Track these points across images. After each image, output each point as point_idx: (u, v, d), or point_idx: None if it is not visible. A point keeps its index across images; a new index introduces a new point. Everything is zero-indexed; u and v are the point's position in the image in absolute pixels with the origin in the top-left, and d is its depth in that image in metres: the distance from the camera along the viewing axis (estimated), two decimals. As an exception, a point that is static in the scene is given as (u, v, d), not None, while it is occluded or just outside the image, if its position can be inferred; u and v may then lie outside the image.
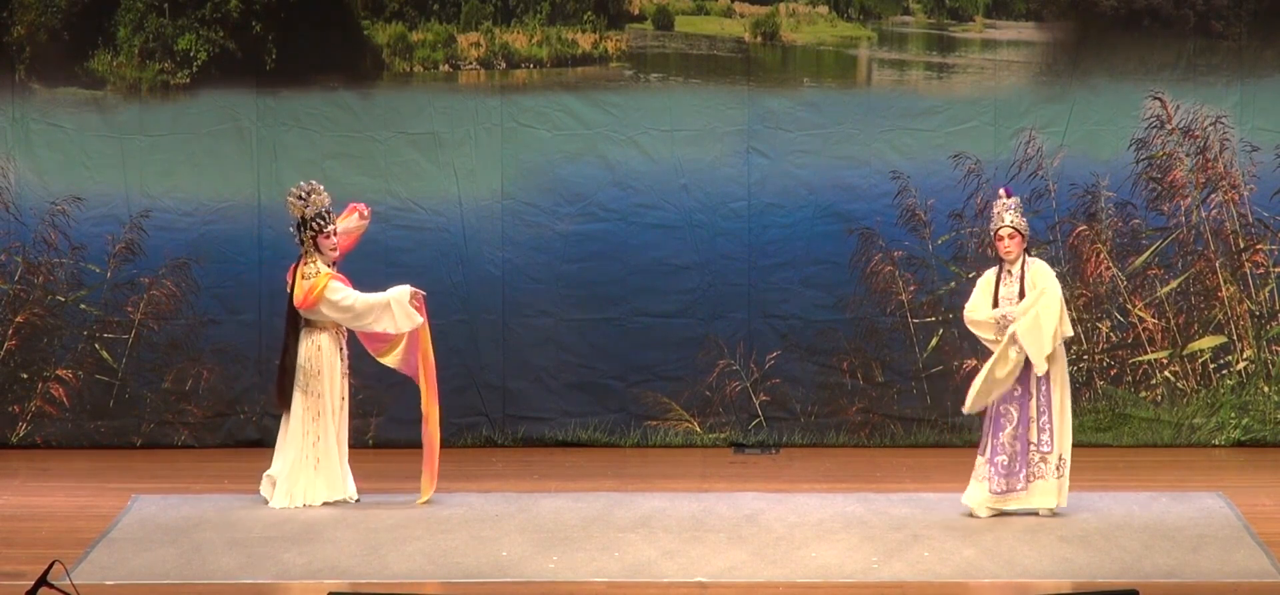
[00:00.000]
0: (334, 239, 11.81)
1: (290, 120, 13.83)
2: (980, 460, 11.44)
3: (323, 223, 11.78)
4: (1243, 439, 13.72)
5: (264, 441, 13.80)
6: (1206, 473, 12.86)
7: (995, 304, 11.37)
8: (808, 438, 13.85)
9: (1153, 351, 13.75)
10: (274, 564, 10.55)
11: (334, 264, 11.85)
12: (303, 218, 11.78)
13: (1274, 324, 13.72)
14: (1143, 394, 13.76)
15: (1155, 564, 10.42)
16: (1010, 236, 11.35)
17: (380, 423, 13.84)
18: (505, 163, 13.86)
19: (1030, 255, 11.46)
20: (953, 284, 13.79)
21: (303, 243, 11.82)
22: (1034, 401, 11.29)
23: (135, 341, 13.90)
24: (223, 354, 13.90)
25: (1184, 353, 13.75)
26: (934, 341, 13.80)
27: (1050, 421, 11.31)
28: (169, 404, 13.92)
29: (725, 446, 13.84)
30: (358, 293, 11.75)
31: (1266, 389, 13.72)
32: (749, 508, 11.76)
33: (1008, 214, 11.38)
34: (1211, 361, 13.75)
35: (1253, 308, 13.70)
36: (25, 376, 13.92)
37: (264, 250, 13.83)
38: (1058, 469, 11.36)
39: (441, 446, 12.00)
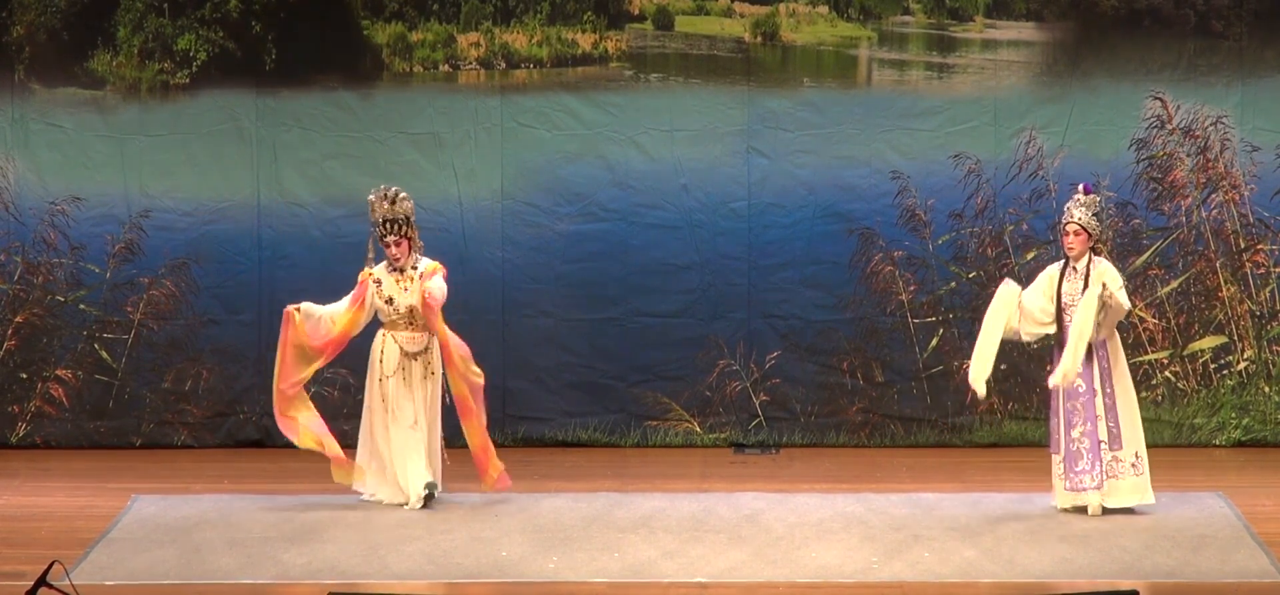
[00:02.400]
0: (392, 249, 11.77)
1: (290, 120, 13.83)
2: (1055, 458, 11.46)
3: (381, 231, 11.79)
4: (1243, 439, 13.72)
5: (264, 442, 13.81)
6: (1207, 473, 12.86)
7: (1058, 298, 11.34)
8: (808, 438, 13.85)
9: (1153, 351, 13.75)
10: (274, 564, 10.54)
11: (398, 270, 11.84)
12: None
13: (1275, 324, 13.72)
14: (1143, 394, 13.73)
15: (1155, 564, 10.41)
16: (1075, 234, 11.32)
17: (380, 423, 13.83)
18: (505, 163, 13.85)
19: (1097, 254, 11.41)
20: (953, 284, 13.79)
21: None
22: (1099, 399, 11.28)
23: (135, 341, 13.89)
24: (222, 354, 13.89)
25: (1185, 353, 13.75)
26: (934, 341, 13.80)
27: (1117, 422, 11.29)
28: (169, 404, 13.92)
29: (725, 446, 13.84)
30: (341, 302, 11.98)
31: (1267, 389, 13.72)
32: (749, 508, 11.75)
33: (1077, 210, 11.32)
34: (1212, 361, 13.74)
35: (1253, 308, 13.70)
36: (25, 376, 13.92)
37: (264, 250, 13.83)
38: (1134, 467, 11.37)
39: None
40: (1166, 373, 13.75)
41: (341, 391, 13.78)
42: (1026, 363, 13.53)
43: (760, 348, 13.84)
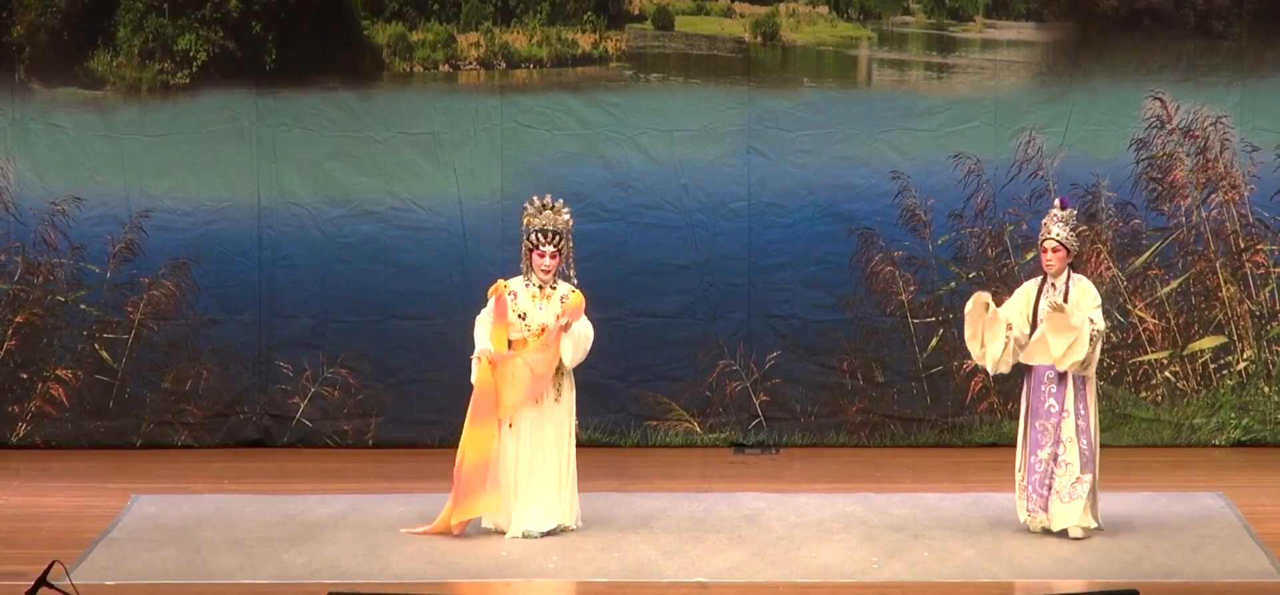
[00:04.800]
0: (544, 260, 11.16)
1: (290, 120, 13.82)
2: (1019, 477, 11.13)
3: (535, 240, 11.17)
4: (1243, 439, 13.72)
5: (264, 442, 13.81)
6: (1207, 473, 12.86)
7: (1035, 314, 11.09)
8: (808, 438, 13.84)
9: (1153, 352, 13.75)
10: (274, 564, 10.54)
11: (541, 286, 11.22)
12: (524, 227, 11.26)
13: (1274, 324, 13.72)
14: (1143, 394, 13.76)
15: (1155, 564, 10.41)
16: (1053, 250, 10.99)
17: (380, 423, 13.83)
18: (505, 163, 13.85)
19: (1075, 271, 11.23)
20: (953, 284, 13.79)
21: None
22: (1073, 421, 11.05)
23: (135, 341, 13.89)
24: (223, 354, 13.88)
25: (1184, 353, 13.75)
26: (934, 341, 13.80)
27: (1090, 444, 11.07)
28: (169, 404, 13.91)
29: (725, 446, 13.84)
30: (485, 321, 11.24)
31: (1267, 389, 13.72)
32: (749, 508, 11.75)
33: (1055, 227, 10.99)
34: (1212, 362, 13.74)
35: (1253, 308, 13.70)
36: (25, 376, 13.91)
37: (264, 250, 13.83)
38: (1090, 491, 11.02)
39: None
40: (1166, 373, 13.75)
41: (342, 391, 13.78)
42: (1026, 363, 13.52)
43: (760, 348, 13.84)
